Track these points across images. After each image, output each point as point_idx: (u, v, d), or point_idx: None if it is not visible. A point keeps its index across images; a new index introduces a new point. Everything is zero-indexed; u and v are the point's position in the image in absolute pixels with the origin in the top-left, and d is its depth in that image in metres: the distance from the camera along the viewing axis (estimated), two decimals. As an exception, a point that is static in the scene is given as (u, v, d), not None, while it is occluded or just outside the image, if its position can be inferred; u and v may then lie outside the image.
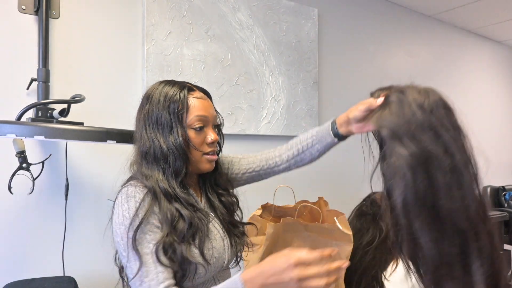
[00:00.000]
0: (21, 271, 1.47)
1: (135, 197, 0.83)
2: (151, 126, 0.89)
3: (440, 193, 0.68)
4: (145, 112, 0.92)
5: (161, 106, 0.89)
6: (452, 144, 0.73)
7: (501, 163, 3.92)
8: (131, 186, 0.85)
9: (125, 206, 0.82)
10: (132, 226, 0.80)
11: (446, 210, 0.66)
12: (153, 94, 0.92)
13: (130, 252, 0.79)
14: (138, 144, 0.91)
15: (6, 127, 0.98)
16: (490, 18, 3.27)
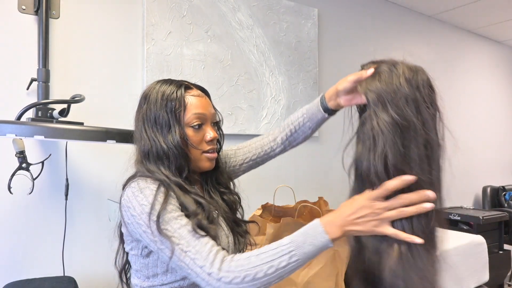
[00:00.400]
0: (21, 271, 1.47)
1: (149, 187, 0.81)
2: (150, 125, 0.89)
3: (412, 163, 0.74)
4: (143, 112, 0.91)
5: (159, 105, 0.89)
6: (430, 122, 0.79)
7: (501, 163, 3.92)
8: (141, 180, 0.83)
9: (141, 197, 0.80)
10: (154, 210, 0.77)
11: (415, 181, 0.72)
12: (150, 94, 0.92)
13: (159, 236, 0.76)
14: (138, 144, 0.91)
15: (6, 127, 0.98)
16: (490, 18, 3.27)
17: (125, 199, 0.82)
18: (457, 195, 3.43)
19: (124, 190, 0.85)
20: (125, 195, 0.83)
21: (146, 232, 0.78)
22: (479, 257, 2.31)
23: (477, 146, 3.63)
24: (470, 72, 3.60)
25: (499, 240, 2.92)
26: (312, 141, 2.42)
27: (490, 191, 3.49)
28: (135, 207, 0.80)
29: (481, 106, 3.70)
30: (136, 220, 0.79)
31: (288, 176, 2.29)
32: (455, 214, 2.92)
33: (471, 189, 3.58)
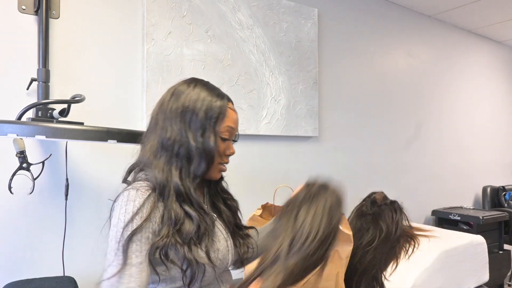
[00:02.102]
0: (21, 271, 1.47)
1: (134, 201, 0.80)
2: (183, 121, 0.87)
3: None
4: (179, 106, 0.89)
5: (199, 106, 0.88)
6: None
7: (501, 163, 3.92)
8: (133, 190, 0.82)
9: (123, 210, 0.80)
10: (125, 231, 0.78)
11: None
12: (189, 92, 0.90)
13: (116, 255, 0.77)
14: (160, 133, 0.88)
15: (7, 126, 0.98)
16: (490, 18, 3.27)
17: (116, 203, 0.83)
18: (457, 195, 3.43)
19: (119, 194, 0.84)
20: (117, 199, 0.83)
21: (109, 244, 0.79)
22: (479, 257, 2.31)
23: (477, 146, 3.63)
24: (470, 72, 3.61)
25: (499, 240, 2.92)
26: (312, 141, 2.42)
27: (490, 191, 3.49)
28: (115, 216, 0.81)
29: (481, 106, 3.70)
30: (111, 228, 0.81)
31: (288, 176, 2.29)
32: (455, 214, 2.92)
33: (471, 189, 3.59)
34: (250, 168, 2.14)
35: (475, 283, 2.28)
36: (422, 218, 3.14)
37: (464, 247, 2.22)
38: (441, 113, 3.30)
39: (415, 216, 3.03)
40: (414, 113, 3.08)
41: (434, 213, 3.09)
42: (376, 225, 1.32)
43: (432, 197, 3.20)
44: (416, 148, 3.09)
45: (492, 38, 3.82)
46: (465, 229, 2.84)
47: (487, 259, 2.36)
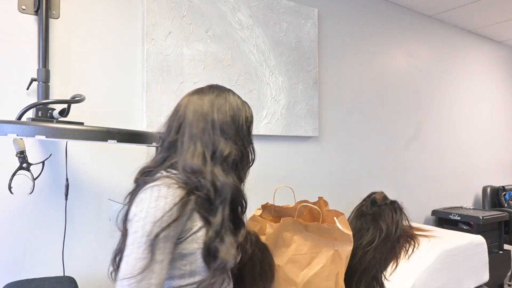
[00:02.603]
0: (21, 271, 1.47)
1: (166, 198, 0.81)
2: (232, 131, 0.94)
3: None
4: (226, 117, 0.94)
5: (243, 117, 0.98)
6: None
7: (501, 163, 3.92)
8: (164, 186, 0.83)
9: (153, 205, 0.80)
10: (154, 226, 0.78)
11: None
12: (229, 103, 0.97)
13: (140, 248, 0.77)
14: (210, 143, 0.91)
15: (7, 126, 0.97)
16: (490, 18, 3.27)
17: (142, 197, 0.83)
18: (457, 195, 3.43)
19: (145, 188, 0.84)
20: (143, 194, 0.83)
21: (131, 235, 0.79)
22: (479, 257, 2.31)
23: (477, 146, 3.63)
24: (470, 72, 3.61)
25: (499, 240, 2.92)
26: (312, 141, 2.42)
27: (490, 191, 3.49)
28: (143, 209, 0.81)
29: (481, 106, 3.70)
30: (134, 220, 0.81)
31: (288, 176, 2.29)
32: (455, 214, 2.93)
33: (471, 189, 3.59)
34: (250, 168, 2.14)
35: (475, 283, 2.28)
36: (422, 218, 3.14)
37: (464, 247, 2.22)
38: (441, 113, 3.30)
39: (415, 216, 3.03)
40: (414, 113, 3.08)
41: (434, 213, 3.09)
42: (376, 225, 1.32)
43: (432, 197, 3.20)
44: (416, 148, 3.09)
45: (492, 38, 3.82)
46: (465, 229, 2.84)
47: (487, 259, 2.36)
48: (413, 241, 1.36)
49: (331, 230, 1.16)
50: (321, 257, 1.18)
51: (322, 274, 1.17)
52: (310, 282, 1.17)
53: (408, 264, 1.42)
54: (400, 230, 1.32)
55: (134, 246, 0.78)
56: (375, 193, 1.42)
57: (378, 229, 1.31)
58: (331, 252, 1.17)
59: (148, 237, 0.78)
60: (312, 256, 1.18)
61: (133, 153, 1.72)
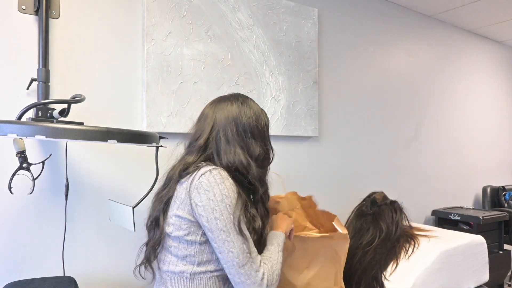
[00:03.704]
0: (21, 271, 1.47)
1: (228, 179, 0.94)
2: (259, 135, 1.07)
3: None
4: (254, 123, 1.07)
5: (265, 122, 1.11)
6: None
7: (501, 163, 3.92)
8: (221, 169, 0.96)
9: (222, 186, 0.91)
10: (235, 212, 0.91)
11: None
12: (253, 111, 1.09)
13: (233, 231, 0.90)
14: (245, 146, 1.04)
15: (7, 126, 0.97)
16: (490, 18, 3.27)
17: (204, 182, 0.92)
18: (457, 195, 3.43)
19: (202, 173, 0.94)
20: (204, 179, 0.93)
21: (218, 219, 0.89)
22: (479, 257, 2.31)
23: (477, 146, 3.63)
24: (470, 72, 3.61)
25: (499, 240, 2.92)
26: (312, 141, 2.42)
27: (490, 191, 3.49)
28: (215, 193, 0.91)
29: (481, 106, 3.71)
30: (212, 205, 0.90)
31: (288, 176, 2.29)
32: (455, 214, 2.93)
33: (471, 189, 3.59)
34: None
35: (475, 283, 2.28)
36: (422, 218, 3.14)
37: (464, 247, 2.22)
38: (441, 113, 3.30)
39: (415, 216, 3.03)
40: (414, 113, 3.08)
41: (434, 213, 3.09)
42: (376, 225, 1.32)
43: (432, 197, 3.20)
44: (416, 148, 3.09)
45: (492, 38, 3.82)
46: (465, 229, 2.84)
47: (487, 259, 2.36)
48: (413, 241, 1.36)
49: (331, 237, 1.16)
50: (319, 258, 1.18)
51: (321, 275, 1.17)
52: (309, 284, 1.17)
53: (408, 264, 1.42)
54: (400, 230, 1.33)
55: (229, 228, 0.89)
56: (375, 193, 1.43)
57: (378, 229, 1.31)
58: (330, 252, 1.18)
59: (233, 216, 0.90)
60: (311, 258, 1.18)
61: (133, 153, 1.72)
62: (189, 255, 0.94)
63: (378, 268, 1.31)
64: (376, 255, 1.29)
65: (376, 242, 1.29)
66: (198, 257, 0.94)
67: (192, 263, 0.94)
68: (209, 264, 0.95)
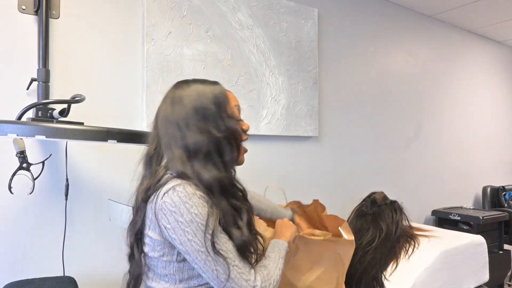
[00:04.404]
0: (21, 271, 1.47)
1: (195, 194, 0.82)
2: (200, 120, 0.88)
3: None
4: (188, 110, 0.89)
5: (206, 100, 0.90)
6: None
7: (501, 163, 3.92)
8: (186, 184, 0.82)
9: (190, 203, 0.80)
10: (208, 228, 0.80)
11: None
12: (188, 93, 0.91)
13: (210, 251, 0.81)
14: (181, 143, 0.87)
15: (7, 126, 0.98)
16: (490, 18, 3.27)
17: (168, 202, 0.81)
18: (457, 195, 3.43)
19: (165, 192, 0.82)
20: (168, 198, 0.81)
21: (191, 241, 0.80)
22: (479, 257, 2.31)
23: (477, 146, 3.63)
24: (470, 72, 3.61)
25: (499, 240, 2.92)
26: (312, 141, 2.42)
27: (490, 191, 3.49)
28: (183, 213, 0.80)
29: (481, 106, 3.70)
30: (182, 227, 0.80)
31: (288, 176, 2.29)
32: (455, 214, 2.93)
33: (471, 189, 3.59)
34: (250, 168, 2.14)
35: (475, 283, 2.28)
36: (422, 218, 3.14)
37: (464, 247, 2.22)
38: (441, 113, 3.30)
39: (415, 216, 3.03)
40: (414, 113, 3.08)
41: (434, 213, 3.09)
42: (376, 225, 1.32)
43: (432, 197, 3.20)
44: (416, 148, 3.09)
45: (492, 38, 3.82)
46: (465, 229, 2.84)
47: (487, 259, 2.36)
48: (413, 241, 1.36)
49: (336, 241, 1.16)
50: (323, 261, 1.17)
51: (323, 278, 1.16)
52: (311, 286, 1.17)
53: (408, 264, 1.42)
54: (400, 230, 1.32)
55: (205, 249, 0.80)
56: (375, 193, 1.42)
57: (378, 229, 1.31)
58: (333, 255, 1.17)
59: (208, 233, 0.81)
60: (314, 261, 1.17)
61: (133, 153, 1.71)
62: (169, 274, 0.87)
63: (378, 268, 1.31)
64: (376, 255, 1.29)
65: (376, 242, 1.29)
66: (178, 275, 0.87)
67: (174, 281, 0.88)
68: (191, 280, 0.88)
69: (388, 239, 1.30)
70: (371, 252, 1.29)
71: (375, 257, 1.29)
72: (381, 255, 1.30)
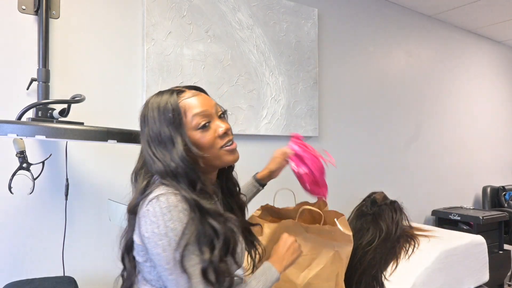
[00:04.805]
0: (21, 271, 1.48)
1: (177, 206, 0.78)
2: (155, 145, 0.85)
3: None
4: (147, 134, 0.87)
5: (157, 122, 0.84)
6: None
7: (501, 163, 3.92)
8: (171, 195, 0.79)
9: (168, 216, 0.77)
10: (180, 241, 0.77)
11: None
12: (147, 113, 0.87)
13: (176, 269, 0.77)
14: (154, 167, 0.85)
15: (8, 126, 0.98)
16: (490, 18, 3.27)
17: (150, 211, 0.79)
18: (457, 195, 3.43)
19: (149, 200, 0.80)
20: (151, 207, 0.79)
21: (160, 255, 0.78)
22: (479, 257, 2.31)
23: (477, 146, 3.63)
24: (470, 72, 3.61)
25: (499, 240, 2.92)
26: (312, 141, 2.42)
27: (490, 191, 3.49)
28: (159, 225, 0.77)
29: (481, 106, 3.70)
30: (156, 239, 0.78)
31: (288, 176, 2.28)
32: (455, 214, 2.93)
33: (471, 189, 3.59)
34: (250, 168, 2.14)
35: (475, 283, 2.28)
36: (422, 218, 3.14)
37: (464, 247, 2.22)
38: (441, 113, 3.30)
39: (415, 216, 3.03)
40: (414, 113, 3.08)
41: (434, 213, 3.09)
42: (376, 225, 1.32)
43: (432, 197, 3.20)
44: (416, 148, 3.09)
45: (492, 38, 3.82)
46: (465, 229, 2.84)
47: (487, 259, 2.36)
48: (413, 241, 1.36)
49: (332, 232, 1.16)
50: (321, 258, 1.18)
51: (322, 275, 1.17)
52: (310, 283, 1.17)
53: (408, 264, 1.42)
54: (400, 230, 1.32)
55: (170, 266, 0.77)
56: (375, 193, 1.42)
57: (378, 229, 1.31)
58: (332, 253, 1.17)
59: (178, 251, 0.77)
60: (313, 257, 1.18)
61: (133, 153, 1.72)
62: (153, 279, 0.86)
63: (378, 268, 1.31)
64: (376, 255, 1.29)
65: (376, 242, 1.29)
66: (160, 281, 0.84)
67: (160, 286, 0.86)
68: None
69: (388, 239, 1.30)
70: (371, 252, 1.29)
71: (375, 257, 1.29)
72: (381, 255, 1.30)
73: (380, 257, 1.30)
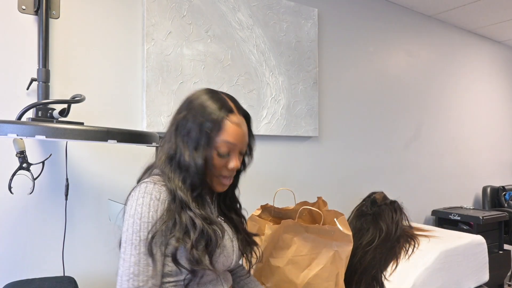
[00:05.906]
0: (21, 271, 1.47)
1: (151, 194, 0.83)
2: (182, 134, 0.89)
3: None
4: (181, 118, 0.91)
5: (196, 120, 0.88)
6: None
7: (501, 163, 3.92)
8: (150, 183, 0.85)
9: (140, 201, 0.83)
10: (143, 222, 0.81)
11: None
12: (194, 103, 0.91)
13: (133, 245, 0.81)
14: (167, 146, 0.91)
15: (8, 127, 0.97)
16: (490, 18, 3.27)
17: (132, 194, 0.86)
18: (457, 195, 3.43)
19: (135, 186, 0.87)
20: (133, 192, 0.86)
21: (124, 233, 0.82)
22: (479, 257, 2.31)
23: (477, 146, 3.63)
24: (470, 72, 3.61)
25: (499, 240, 2.92)
26: (312, 141, 2.42)
27: (490, 191, 3.49)
28: (131, 206, 0.83)
29: (481, 106, 3.70)
30: (126, 217, 0.83)
31: (288, 176, 2.29)
32: (455, 214, 2.93)
33: (471, 189, 3.59)
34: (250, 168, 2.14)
35: (475, 283, 2.28)
36: (422, 218, 3.14)
37: (464, 247, 2.22)
38: (441, 113, 3.30)
39: (415, 216, 3.03)
40: (414, 113, 3.08)
41: (434, 213, 3.09)
42: (376, 225, 1.32)
43: (432, 197, 3.20)
44: (416, 148, 3.09)
45: (492, 38, 3.82)
46: (465, 229, 2.84)
47: (487, 259, 2.36)
48: (413, 241, 1.36)
49: (332, 232, 1.16)
50: (321, 258, 1.18)
51: (322, 275, 1.17)
52: (310, 283, 1.17)
53: (408, 264, 1.42)
54: (400, 230, 1.32)
55: (127, 244, 0.81)
56: (375, 193, 1.42)
57: (378, 229, 1.31)
58: (331, 253, 1.17)
59: (139, 233, 0.81)
60: (312, 257, 1.17)
61: (133, 153, 1.72)
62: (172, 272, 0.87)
63: (378, 268, 1.31)
64: (376, 255, 1.29)
65: (376, 242, 1.29)
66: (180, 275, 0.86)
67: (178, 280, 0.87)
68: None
69: (388, 239, 1.30)
70: (371, 252, 1.29)
71: (375, 257, 1.29)
72: (381, 255, 1.30)
73: (380, 257, 1.30)
